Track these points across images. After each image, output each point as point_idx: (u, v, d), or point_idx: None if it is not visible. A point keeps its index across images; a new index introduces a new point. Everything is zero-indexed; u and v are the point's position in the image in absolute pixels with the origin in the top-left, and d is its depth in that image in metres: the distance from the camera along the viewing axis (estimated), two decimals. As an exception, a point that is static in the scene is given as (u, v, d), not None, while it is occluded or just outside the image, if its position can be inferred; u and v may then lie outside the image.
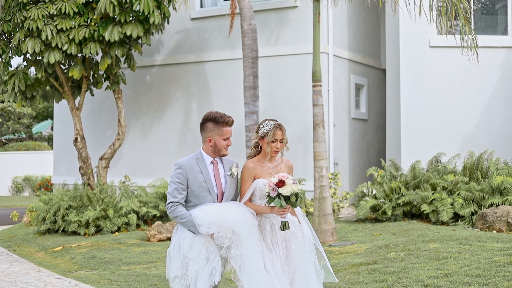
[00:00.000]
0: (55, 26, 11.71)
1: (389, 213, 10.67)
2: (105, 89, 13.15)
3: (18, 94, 12.94)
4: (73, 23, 11.80)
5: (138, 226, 11.96)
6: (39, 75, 12.50)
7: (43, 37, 11.62)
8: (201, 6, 13.95)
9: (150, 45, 12.77)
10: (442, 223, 10.31)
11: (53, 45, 11.72)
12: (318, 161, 9.32)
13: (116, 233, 11.63)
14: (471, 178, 10.73)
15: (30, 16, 11.61)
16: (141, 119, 14.56)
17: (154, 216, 12.09)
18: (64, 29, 11.71)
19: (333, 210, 11.82)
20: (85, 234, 11.60)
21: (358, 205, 10.98)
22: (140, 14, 11.67)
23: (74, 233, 11.80)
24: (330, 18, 12.53)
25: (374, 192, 11.07)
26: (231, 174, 4.73)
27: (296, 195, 4.51)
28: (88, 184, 12.93)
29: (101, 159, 13.09)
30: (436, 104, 12.43)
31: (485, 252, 7.81)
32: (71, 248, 10.59)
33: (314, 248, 4.77)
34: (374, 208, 10.96)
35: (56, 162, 15.98)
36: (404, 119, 12.37)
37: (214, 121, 4.63)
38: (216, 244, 4.54)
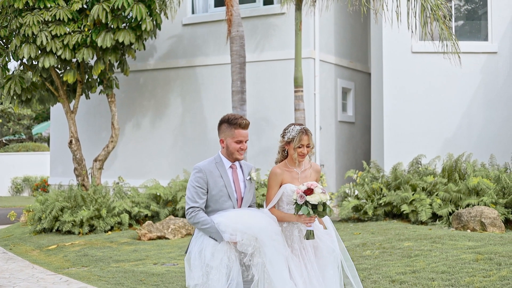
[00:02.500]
0: (50, 32, 12.12)
1: (371, 213, 11.07)
2: (99, 93, 13.57)
3: (14, 97, 13.38)
4: (67, 29, 12.21)
5: (130, 225, 12.36)
6: (35, 79, 12.93)
7: (38, 43, 12.04)
8: (193, 13, 14.38)
9: (144, 49, 13.21)
10: (421, 222, 10.70)
11: (48, 50, 12.13)
12: (300, 163, 9.72)
13: (109, 232, 12.01)
14: (449, 180, 11.12)
15: (26, 22, 12.02)
16: (134, 122, 14.99)
17: (146, 215, 12.50)
18: (59, 34, 12.12)
19: (318, 210, 12.22)
20: (79, 233, 11.98)
21: (341, 205, 11.39)
22: (133, 21, 12.09)
23: (69, 232, 12.17)
24: (316, 24, 12.93)
25: (357, 192, 11.48)
26: (250, 178, 4.64)
27: (324, 204, 4.47)
28: (83, 185, 13.34)
29: (95, 160, 13.51)
30: (418, 108, 12.85)
31: (455, 250, 8.21)
32: (65, 247, 10.98)
33: (340, 254, 4.75)
34: (356, 208, 11.36)
35: (52, 163, 16.40)
36: (387, 122, 12.78)
37: (228, 122, 4.53)
38: (238, 252, 4.43)
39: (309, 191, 4.45)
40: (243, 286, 4.43)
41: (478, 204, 10.31)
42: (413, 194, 10.98)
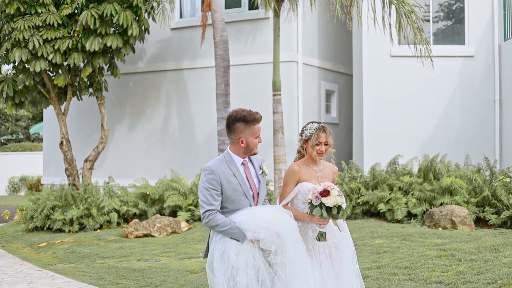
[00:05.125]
0: (41, 36, 12.53)
1: (349, 211, 11.47)
2: (89, 96, 13.99)
3: (8, 100, 13.82)
4: (58, 34, 12.62)
5: (119, 224, 12.77)
6: (27, 83, 13.35)
7: (30, 47, 12.45)
8: (181, 17, 14.80)
9: (134, 53, 13.64)
10: (397, 221, 11.11)
11: (39, 54, 12.54)
12: (278, 163, 10.14)
13: (98, 230, 12.41)
14: (425, 179, 11.54)
15: (17, 27, 12.44)
16: (125, 123, 15.41)
17: (134, 214, 12.90)
18: (49, 39, 12.53)
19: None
20: (69, 231, 12.37)
21: (320, 204, 11.77)
22: (120, 27, 12.50)
23: (60, 230, 12.55)
24: (299, 28, 13.35)
25: (336, 192, 11.86)
26: (262, 172, 4.52)
27: (339, 207, 4.36)
28: (74, 185, 13.76)
29: (85, 161, 13.92)
30: (396, 110, 13.26)
31: (422, 247, 8.62)
32: (55, 244, 11.37)
33: (356, 257, 4.70)
34: (335, 207, 11.75)
35: (45, 163, 16.82)
36: (366, 124, 13.20)
37: (244, 120, 4.36)
38: (262, 250, 4.30)
39: (325, 193, 4.34)
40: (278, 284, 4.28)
41: (451, 203, 10.72)
42: (389, 194, 11.39)
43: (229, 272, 4.22)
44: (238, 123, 4.37)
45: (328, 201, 4.30)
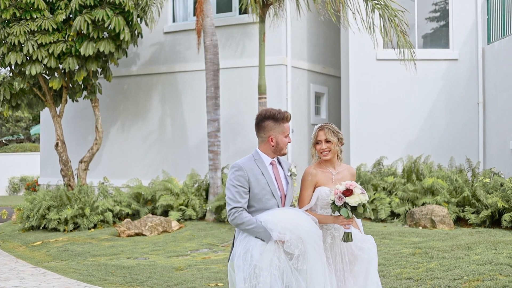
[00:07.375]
0: (36, 41, 12.89)
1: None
2: (83, 98, 14.34)
3: (5, 102, 14.19)
4: (52, 38, 12.97)
5: (114, 223, 13.12)
6: (23, 85, 13.70)
7: (25, 51, 12.82)
8: (173, 21, 15.15)
9: (127, 57, 13.99)
10: (381, 220, 11.44)
11: (34, 58, 12.90)
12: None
13: (92, 229, 12.76)
14: (408, 180, 11.86)
15: (13, 32, 12.80)
16: (119, 125, 15.76)
17: (128, 214, 13.25)
18: (44, 43, 12.89)
19: (289, 209, 12.96)
20: (64, 230, 12.72)
21: (307, 204, 12.10)
22: (112, 31, 12.85)
23: (55, 229, 12.90)
24: (288, 32, 13.68)
25: (322, 192, 12.18)
26: (291, 174, 4.43)
27: (363, 206, 4.23)
28: (69, 185, 14.12)
29: (80, 162, 14.28)
30: (382, 112, 13.58)
31: (399, 245, 8.95)
32: (49, 243, 11.71)
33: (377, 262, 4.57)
34: (321, 207, 12.08)
35: (42, 164, 17.18)
36: (353, 125, 13.53)
37: (274, 118, 4.34)
38: (285, 253, 4.21)
39: (348, 192, 4.21)
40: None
41: (432, 203, 11.04)
42: (374, 194, 11.71)
43: (251, 271, 4.15)
44: (268, 121, 4.35)
45: (352, 201, 4.19)
